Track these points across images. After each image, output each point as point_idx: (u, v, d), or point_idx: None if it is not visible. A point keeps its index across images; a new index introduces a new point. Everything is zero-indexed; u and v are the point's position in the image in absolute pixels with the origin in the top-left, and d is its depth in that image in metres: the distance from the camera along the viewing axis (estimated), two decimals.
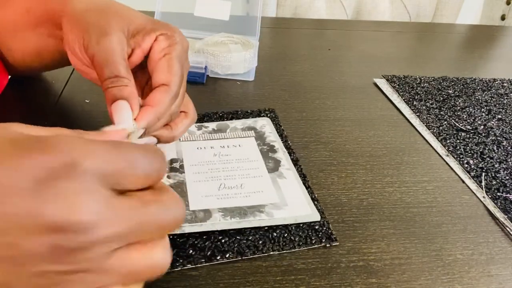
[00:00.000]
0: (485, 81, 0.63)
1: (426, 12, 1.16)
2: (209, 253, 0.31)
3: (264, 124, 0.47)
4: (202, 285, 0.29)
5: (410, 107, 0.54)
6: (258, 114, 0.49)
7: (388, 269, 0.32)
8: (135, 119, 0.30)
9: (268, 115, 0.49)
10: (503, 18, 1.16)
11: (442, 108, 0.54)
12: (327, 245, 0.33)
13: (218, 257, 0.31)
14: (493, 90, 0.60)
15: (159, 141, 0.35)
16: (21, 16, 0.41)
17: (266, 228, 0.34)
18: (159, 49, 0.34)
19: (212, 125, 0.46)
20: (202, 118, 0.47)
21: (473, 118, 0.53)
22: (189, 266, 0.31)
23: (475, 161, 0.45)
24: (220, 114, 0.49)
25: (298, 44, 0.74)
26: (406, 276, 0.31)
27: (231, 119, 0.48)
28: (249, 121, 0.47)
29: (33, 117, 0.46)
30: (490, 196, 0.40)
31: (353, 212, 0.37)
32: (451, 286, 0.31)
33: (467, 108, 0.55)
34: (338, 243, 0.34)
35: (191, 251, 0.31)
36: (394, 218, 0.37)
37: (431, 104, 0.55)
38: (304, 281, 0.30)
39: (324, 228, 0.34)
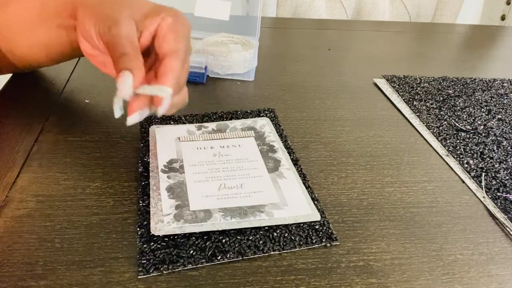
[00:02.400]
0: (485, 81, 0.63)
1: (426, 12, 1.16)
2: (209, 253, 0.31)
3: (264, 124, 0.47)
4: (202, 285, 0.30)
5: (410, 107, 0.54)
6: (258, 114, 0.49)
7: (388, 269, 0.32)
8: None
9: (268, 115, 0.49)
10: (503, 18, 1.16)
11: (442, 108, 0.54)
12: (328, 245, 0.33)
13: (219, 257, 0.31)
14: (493, 90, 0.60)
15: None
16: (34, 10, 0.42)
17: (267, 228, 0.34)
18: (165, 25, 0.38)
19: (212, 125, 0.46)
20: (202, 118, 0.47)
21: (473, 118, 0.53)
22: (189, 266, 0.31)
23: (475, 161, 0.45)
24: (220, 114, 0.49)
25: (298, 44, 0.74)
26: (406, 276, 0.31)
27: (231, 119, 0.48)
28: (249, 121, 0.47)
29: (33, 117, 0.46)
30: (490, 196, 0.40)
31: (353, 212, 0.37)
32: (451, 286, 0.31)
33: (467, 108, 0.55)
34: (338, 243, 0.34)
35: (192, 251, 0.31)
36: (394, 218, 0.37)
37: (431, 104, 0.55)
38: (304, 281, 0.30)
39: (325, 228, 0.34)
